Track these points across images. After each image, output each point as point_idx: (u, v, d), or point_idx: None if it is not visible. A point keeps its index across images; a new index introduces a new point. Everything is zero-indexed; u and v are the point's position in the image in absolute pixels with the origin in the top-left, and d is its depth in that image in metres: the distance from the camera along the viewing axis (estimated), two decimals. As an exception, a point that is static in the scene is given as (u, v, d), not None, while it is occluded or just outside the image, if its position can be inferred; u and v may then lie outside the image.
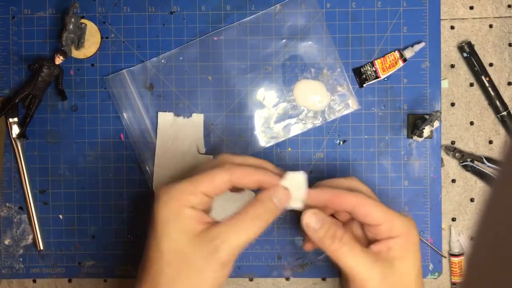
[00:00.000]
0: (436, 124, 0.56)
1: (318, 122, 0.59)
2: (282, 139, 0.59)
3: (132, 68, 0.59)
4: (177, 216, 0.44)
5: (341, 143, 0.59)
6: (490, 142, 0.59)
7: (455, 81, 0.59)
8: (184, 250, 0.43)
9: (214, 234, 0.43)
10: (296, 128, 0.59)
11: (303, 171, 0.48)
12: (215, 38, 0.59)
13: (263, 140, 0.59)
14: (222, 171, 0.45)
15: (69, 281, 0.60)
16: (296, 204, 0.48)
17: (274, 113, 0.59)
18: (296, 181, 0.48)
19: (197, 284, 0.43)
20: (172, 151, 0.59)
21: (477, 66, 0.58)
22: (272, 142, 0.59)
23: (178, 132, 0.59)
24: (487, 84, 0.58)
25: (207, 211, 0.47)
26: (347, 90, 0.59)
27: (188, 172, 0.49)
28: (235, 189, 0.51)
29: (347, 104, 0.59)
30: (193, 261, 0.43)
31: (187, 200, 0.45)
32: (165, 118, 0.59)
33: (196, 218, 0.44)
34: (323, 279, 0.60)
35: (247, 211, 0.45)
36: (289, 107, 0.59)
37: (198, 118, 0.59)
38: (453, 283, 0.59)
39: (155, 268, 0.44)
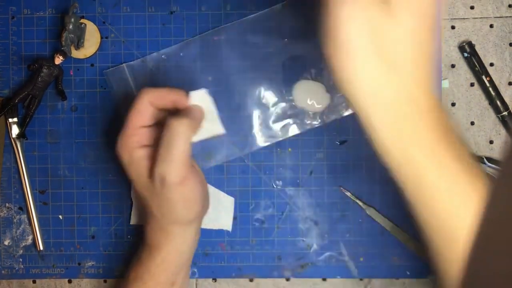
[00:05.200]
0: (436, 124, 0.56)
1: (316, 123, 0.59)
2: (280, 138, 0.59)
3: (131, 62, 0.59)
4: (131, 160, 0.50)
5: (342, 143, 0.59)
6: (491, 142, 0.59)
7: (455, 81, 0.59)
8: (147, 186, 0.50)
9: (156, 173, 0.48)
10: (295, 128, 0.59)
11: (205, 89, 0.52)
12: (215, 38, 0.59)
13: (261, 139, 0.59)
14: (140, 97, 0.50)
15: (69, 281, 0.60)
16: (219, 130, 0.53)
17: (273, 112, 0.59)
18: (201, 97, 0.52)
19: (168, 213, 0.50)
20: None
21: (477, 66, 0.58)
22: (270, 142, 0.59)
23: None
24: (487, 84, 0.58)
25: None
26: (347, 90, 0.59)
27: None
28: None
29: (347, 105, 0.59)
30: (154, 194, 0.49)
31: (133, 142, 0.50)
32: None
33: (147, 157, 0.49)
34: (324, 279, 0.60)
35: (162, 144, 0.48)
36: (288, 107, 0.59)
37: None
38: (453, 284, 0.59)
39: (141, 196, 0.52)
